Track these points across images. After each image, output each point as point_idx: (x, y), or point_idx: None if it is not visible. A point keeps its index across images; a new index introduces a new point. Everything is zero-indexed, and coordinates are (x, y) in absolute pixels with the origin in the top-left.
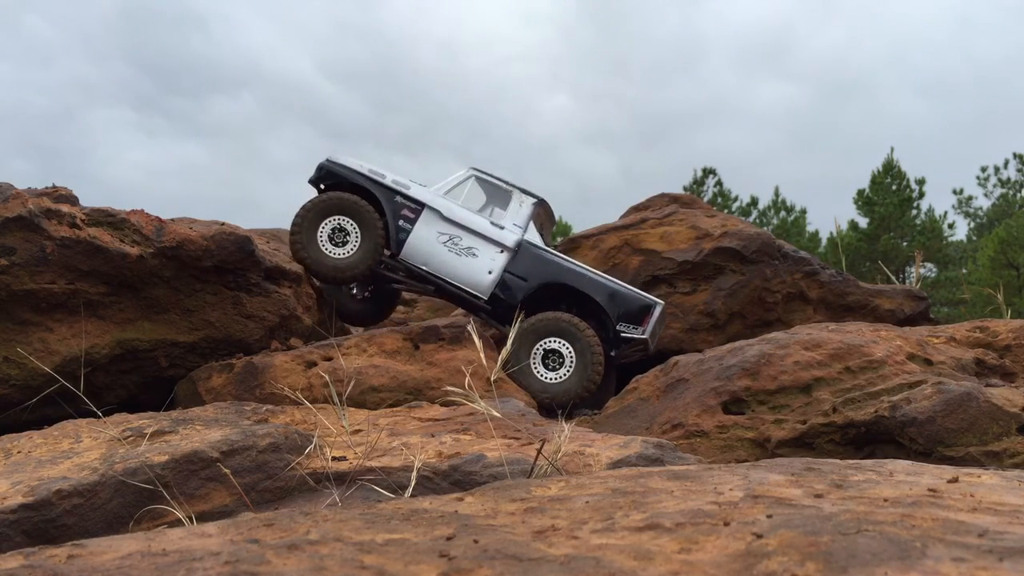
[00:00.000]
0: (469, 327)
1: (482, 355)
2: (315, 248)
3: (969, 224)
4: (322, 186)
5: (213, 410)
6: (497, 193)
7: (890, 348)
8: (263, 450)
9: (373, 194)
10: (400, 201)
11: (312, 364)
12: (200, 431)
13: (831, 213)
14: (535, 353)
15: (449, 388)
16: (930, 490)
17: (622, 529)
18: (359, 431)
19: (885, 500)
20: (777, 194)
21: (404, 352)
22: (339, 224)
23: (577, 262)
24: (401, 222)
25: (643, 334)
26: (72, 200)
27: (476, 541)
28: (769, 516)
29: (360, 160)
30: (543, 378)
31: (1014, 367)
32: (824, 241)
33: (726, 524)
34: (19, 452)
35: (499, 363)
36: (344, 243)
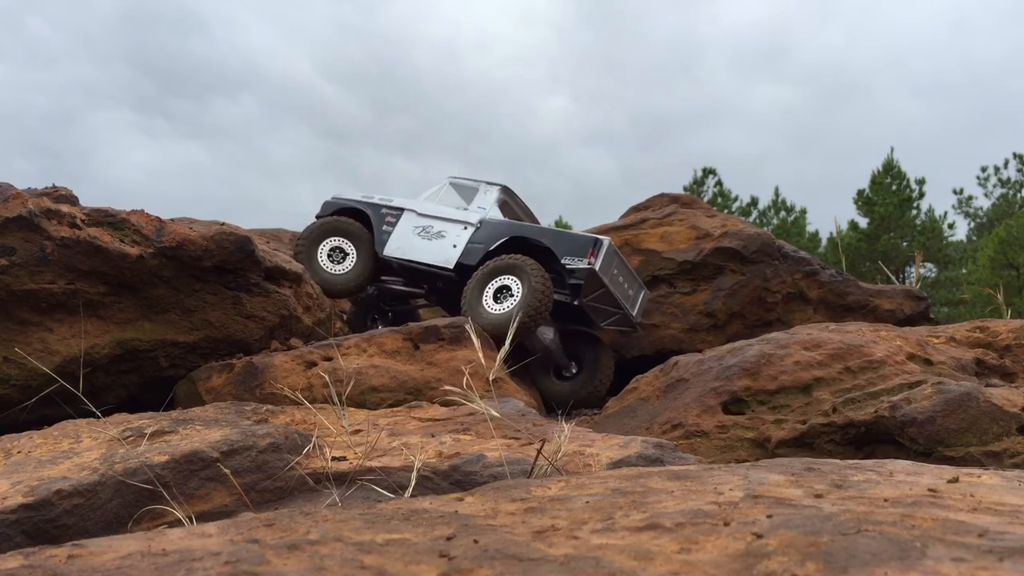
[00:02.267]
0: (468, 327)
1: (481, 355)
2: (316, 265)
3: (969, 224)
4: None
5: (213, 410)
6: (470, 191)
7: (890, 348)
8: (263, 450)
9: (367, 215)
10: (384, 212)
11: (312, 364)
12: (200, 431)
13: (831, 213)
14: (487, 291)
15: (448, 388)
16: (930, 490)
17: (622, 529)
18: (359, 431)
19: (885, 500)
20: (777, 194)
21: (404, 352)
22: (337, 245)
23: (531, 224)
24: (385, 227)
25: (589, 264)
26: (72, 200)
27: (476, 541)
28: (769, 516)
29: (355, 194)
30: (490, 309)
31: (1014, 367)
32: (824, 241)
33: (726, 524)
34: (19, 452)
35: (498, 363)
36: (342, 261)
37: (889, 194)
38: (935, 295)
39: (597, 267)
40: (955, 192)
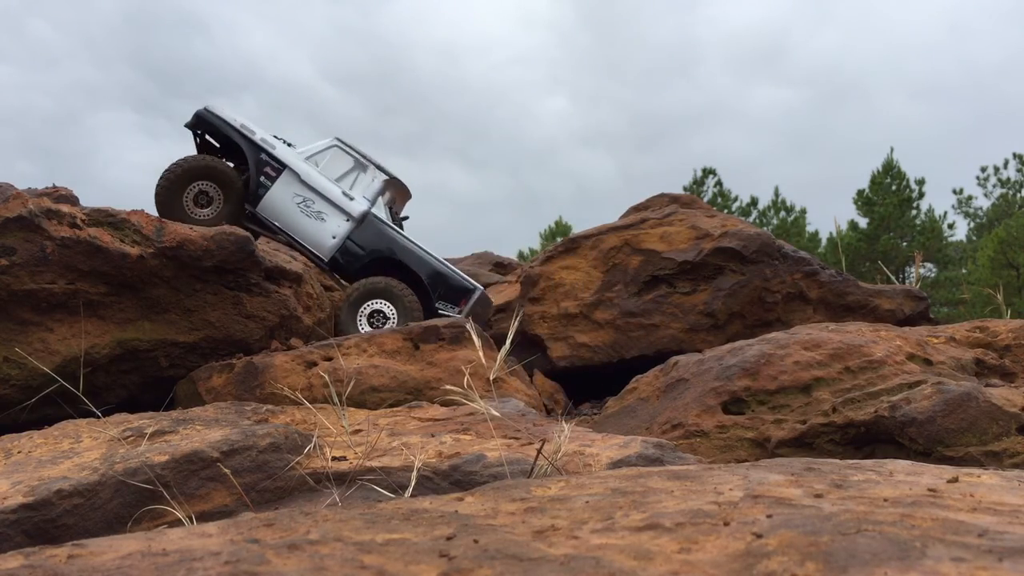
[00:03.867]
0: (468, 327)
1: (482, 355)
2: (181, 209)
3: (969, 224)
4: (198, 132)
5: (213, 410)
6: (356, 165)
7: (890, 348)
8: (263, 450)
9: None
10: (264, 159)
11: (312, 364)
12: (200, 431)
13: (831, 213)
14: (362, 312)
15: (448, 388)
16: (930, 490)
17: (622, 529)
18: (359, 431)
19: (885, 500)
20: (777, 194)
21: (404, 352)
22: (204, 190)
23: (413, 239)
24: (262, 178)
25: (459, 314)
26: (72, 200)
27: (476, 541)
28: (769, 516)
29: (236, 114)
30: (360, 327)
31: (1014, 367)
32: (824, 241)
33: (726, 524)
34: (19, 452)
35: (498, 362)
36: (207, 205)
37: (889, 194)
38: (935, 295)
39: (466, 316)
40: (955, 192)
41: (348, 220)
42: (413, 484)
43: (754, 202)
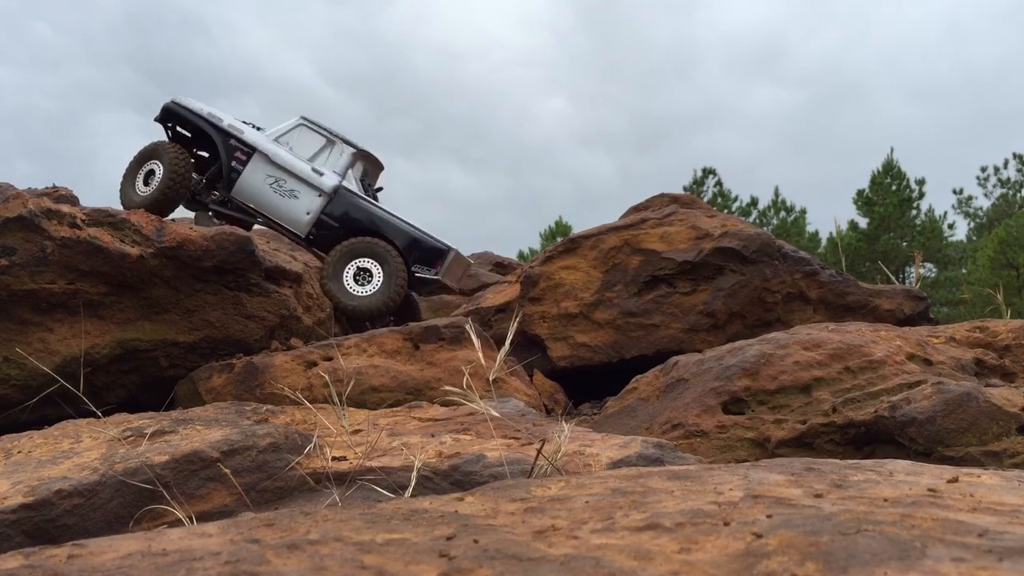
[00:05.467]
0: (468, 327)
1: (481, 355)
2: (131, 190)
3: (969, 224)
4: (168, 125)
5: (213, 410)
6: (324, 141)
7: (890, 348)
8: (263, 450)
9: (210, 136)
10: (234, 144)
11: (312, 364)
12: (200, 431)
13: (831, 213)
14: (348, 270)
15: (448, 388)
16: (930, 490)
17: (622, 529)
18: (359, 431)
19: (885, 500)
20: (777, 194)
21: (404, 352)
22: (151, 169)
23: (386, 208)
24: (234, 163)
25: (435, 275)
26: (72, 200)
27: (476, 541)
28: (769, 516)
29: (203, 104)
30: (353, 291)
31: (1014, 367)
32: (824, 241)
33: (726, 524)
34: (19, 452)
35: (498, 363)
36: (149, 183)
37: (889, 194)
38: (935, 295)
39: (442, 277)
40: (955, 192)
41: (320, 195)
42: (413, 484)
43: (754, 202)
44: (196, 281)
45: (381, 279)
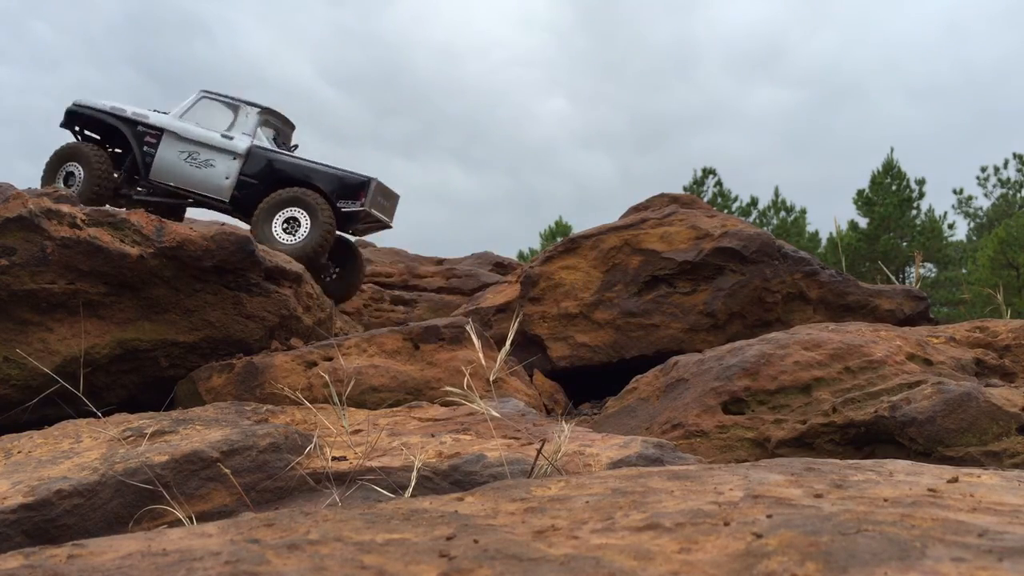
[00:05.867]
0: (468, 327)
1: (481, 356)
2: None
3: (969, 224)
4: (75, 129)
5: (213, 410)
6: (229, 109)
7: (890, 348)
8: (263, 450)
9: (118, 131)
10: (142, 130)
11: (312, 364)
12: (200, 431)
13: (831, 213)
14: (276, 221)
15: (448, 389)
16: (930, 490)
17: (622, 529)
18: (359, 431)
19: (885, 500)
20: (777, 194)
21: (404, 352)
22: (71, 171)
23: (301, 156)
24: (145, 148)
25: (361, 206)
26: (72, 200)
27: (476, 541)
28: (769, 516)
29: (104, 100)
30: (281, 240)
31: (1014, 367)
32: (824, 241)
33: (726, 524)
34: (19, 452)
35: (498, 363)
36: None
37: (889, 194)
38: (935, 295)
39: (368, 207)
40: (955, 192)
41: (235, 158)
42: (413, 484)
43: (754, 202)
44: (196, 281)
45: (308, 225)
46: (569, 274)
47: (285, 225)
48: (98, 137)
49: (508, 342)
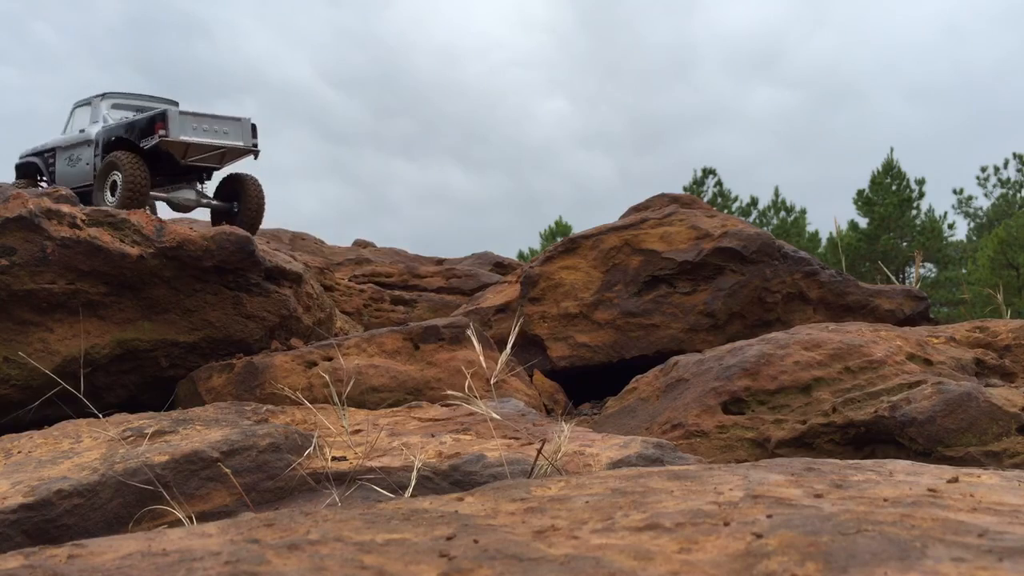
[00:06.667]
0: (469, 327)
1: (481, 356)
2: None
3: (969, 224)
4: (32, 178)
5: (213, 410)
6: (88, 108)
7: (890, 348)
8: (263, 450)
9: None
10: (47, 156)
11: (312, 364)
12: (200, 431)
13: (831, 213)
14: (106, 187)
15: (449, 392)
16: (930, 490)
17: (622, 529)
18: (359, 431)
19: (885, 500)
20: (777, 194)
21: (404, 352)
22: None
23: (114, 124)
24: (51, 170)
25: (162, 136)
26: (72, 200)
27: (476, 541)
28: (769, 516)
29: (38, 142)
30: (108, 201)
31: (1014, 367)
32: (824, 241)
33: (726, 524)
34: (19, 452)
35: (499, 365)
36: None
37: (889, 194)
38: (935, 295)
39: (170, 136)
40: (955, 192)
41: (90, 145)
42: (413, 484)
43: (754, 202)
44: (196, 281)
45: (120, 184)
46: (569, 274)
47: (111, 189)
48: (45, 176)
49: (509, 345)
